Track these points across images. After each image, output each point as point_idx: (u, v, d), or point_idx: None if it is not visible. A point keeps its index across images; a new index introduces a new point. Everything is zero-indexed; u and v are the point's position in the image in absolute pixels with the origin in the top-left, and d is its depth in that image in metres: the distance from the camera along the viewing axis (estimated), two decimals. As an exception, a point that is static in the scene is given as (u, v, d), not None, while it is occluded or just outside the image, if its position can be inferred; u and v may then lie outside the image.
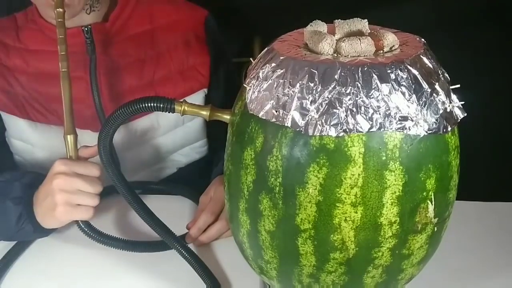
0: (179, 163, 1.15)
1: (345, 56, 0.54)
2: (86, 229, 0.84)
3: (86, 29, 0.99)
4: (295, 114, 0.52)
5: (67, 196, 0.82)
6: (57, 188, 0.81)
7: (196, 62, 1.08)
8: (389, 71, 0.52)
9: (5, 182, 0.89)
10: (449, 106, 0.54)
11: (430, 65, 0.55)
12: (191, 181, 1.08)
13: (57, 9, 0.89)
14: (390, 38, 0.56)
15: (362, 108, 0.51)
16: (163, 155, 1.11)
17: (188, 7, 1.12)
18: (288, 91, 0.53)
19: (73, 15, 0.97)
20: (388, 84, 0.51)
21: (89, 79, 1.00)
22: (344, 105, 0.51)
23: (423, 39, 0.59)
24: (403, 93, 0.52)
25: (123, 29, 1.04)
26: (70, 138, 0.85)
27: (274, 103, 0.54)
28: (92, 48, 1.00)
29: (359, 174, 0.52)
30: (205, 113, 0.64)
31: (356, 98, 0.51)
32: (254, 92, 0.56)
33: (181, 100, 0.64)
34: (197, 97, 1.08)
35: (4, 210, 0.85)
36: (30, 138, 1.05)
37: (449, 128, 0.54)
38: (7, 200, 0.85)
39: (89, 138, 0.98)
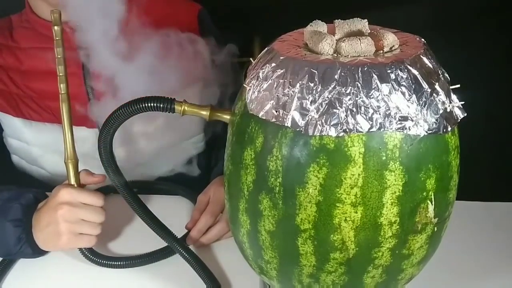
0: (175, 160, 1.14)
1: (345, 56, 0.54)
2: (89, 255, 0.84)
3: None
4: (295, 114, 0.52)
5: (71, 226, 0.81)
6: (62, 219, 0.81)
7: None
8: (389, 71, 0.52)
9: (3, 201, 0.86)
10: (449, 106, 0.54)
11: (430, 65, 0.55)
12: (188, 179, 1.08)
13: (55, 26, 0.81)
14: (390, 38, 0.56)
15: (362, 108, 0.51)
16: (159, 150, 1.11)
17: (181, 1, 1.12)
18: (288, 91, 0.53)
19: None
20: (388, 84, 0.51)
21: (82, 74, 1.00)
22: (344, 105, 0.51)
23: (423, 39, 0.59)
24: (403, 93, 0.52)
25: None
26: (71, 165, 0.82)
27: (274, 103, 0.54)
28: None
29: (359, 174, 0.52)
30: (205, 113, 0.64)
31: (356, 98, 0.51)
32: (254, 92, 0.56)
33: (181, 100, 0.65)
34: (193, 90, 1.08)
35: (2, 231, 0.83)
36: (25, 137, 1.05)
37: (449, 128, 0.54)
38: (6, 222, 0.83)
39: (84, 134, 0.97)
